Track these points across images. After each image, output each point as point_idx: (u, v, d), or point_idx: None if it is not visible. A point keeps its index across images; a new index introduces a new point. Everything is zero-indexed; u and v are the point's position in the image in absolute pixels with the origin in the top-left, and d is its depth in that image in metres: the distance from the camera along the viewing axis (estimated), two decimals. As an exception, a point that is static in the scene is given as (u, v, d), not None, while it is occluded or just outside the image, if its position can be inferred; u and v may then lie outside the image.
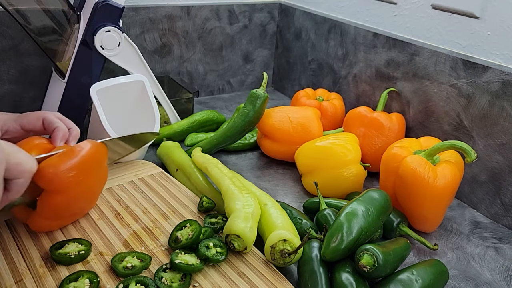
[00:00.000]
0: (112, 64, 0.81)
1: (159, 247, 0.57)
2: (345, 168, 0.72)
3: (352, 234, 0.54)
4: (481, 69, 0.71)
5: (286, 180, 0.82)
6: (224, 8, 1.09)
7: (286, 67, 1.19)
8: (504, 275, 0.62)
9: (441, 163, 0.65)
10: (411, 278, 0.52)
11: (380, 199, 0.60)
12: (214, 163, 0.69)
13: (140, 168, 0.75)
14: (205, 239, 0.56)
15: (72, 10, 0.78)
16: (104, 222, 0.61)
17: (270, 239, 0.54)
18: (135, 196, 0.67)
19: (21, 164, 0.44)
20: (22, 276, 0.50)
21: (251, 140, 0.91)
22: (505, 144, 0.70)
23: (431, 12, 0.82)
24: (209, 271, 0.53)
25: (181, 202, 0.66)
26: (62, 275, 0.51)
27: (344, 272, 0.52)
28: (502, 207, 0.72)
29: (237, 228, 0.55)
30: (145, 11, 0.99)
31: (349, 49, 0.97)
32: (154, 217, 0.63)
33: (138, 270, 0.52)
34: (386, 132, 0.80)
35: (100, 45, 0.77)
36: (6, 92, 0.89)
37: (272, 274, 0.53)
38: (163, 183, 0.71)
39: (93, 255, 0.55)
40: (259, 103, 0.80)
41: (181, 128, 0.91)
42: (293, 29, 1.13)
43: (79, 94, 0.79)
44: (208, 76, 1.15)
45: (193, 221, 0.58)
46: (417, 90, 0.83)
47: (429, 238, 0.69)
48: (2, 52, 0.86)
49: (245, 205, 0.58)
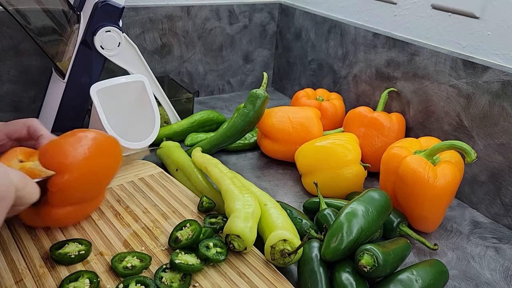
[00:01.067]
0: (112, 64, 0.82)
1: (159, 247, 0.57)
2: (345, 168, 0.73)
3: (352, 234, 0.54)
4: (481, 69, 0.71)
5: (286, 180, 0.82)
6: (224, 8, 1.09)
7: (286, 67, 1.19)
8: (504, 275, 0.62)
9: (441, 163, 0.65)
10: (411, 278, 0.52)
11: (380, 199, 0.60)
12: (214, 163, 0.69)
13: (140, 168, 0.75)
14: (205, 239, 0.56)
15: (72, 10, 0.78)
16: (104, 222, 0.61)
17: (270, 239, 0.54)
18: (135, 196, 0.67)
19: (26, 198, 0.45)
20: (22, 276, 0.50)
21: (251, 140, 0.91)
22: (505, 144, 0.70)
23: (431, 12, 0.82)
24: (209, 271, 0.53)
25: (181, 202, 0.66)
26: (62, 275, 0.51)
27: (344, 272, 0.52)
28: (502, 207, 0.72)
29: (237, 228, 0.55)
30: (145, 11, 0.99)
31: (349, 49, 0.97)
32: (154, 217, 0.63)
33: (138, 270, 0.52)
34: (386, 132, 0.80)
35: (100, 45, 0.77)
36: (6, 92, 0.89)
37: (272, 274, 0.53)
38: (163, 183, 0.71)
39: (93, 255, 0.55)
40: (259, 103, 0.80)
41: (181, 128, 0.91)
42: (293, 29, 1.13)
43: (79, 94, 0.79)
44: (208, 76, 1.15)
45: (193, 221, 0.58)
46: (417, 90, 0.83)
47: (429, 238, 0.69)
48: (2, 52, 0.86)
49: (245, 205, 0.58)
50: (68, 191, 0.53)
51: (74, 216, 0.58)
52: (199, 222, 0.62)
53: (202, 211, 0.64)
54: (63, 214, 0.55)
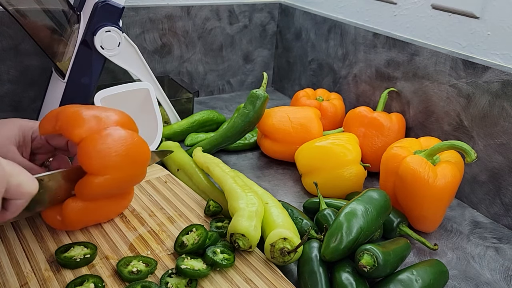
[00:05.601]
0: (112, 64, 0.81)
1: (165, 252, 0.56)
2: (345, 168, 0.72)
3: (351, 234, 0.54)
4: (481, 69, 0.71)
5: (286, 180, 0.82)
6: (224, 8, 1.09)
7: (286, 67, 1.19)
8: (504, 275, 0.62)
9: (441, 163, 0.65)
10: (411, 278, 0.52)
11: (380, 198, 0.60)
12: (216, 162, 0.70)
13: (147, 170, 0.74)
14: (211, 244, 0.56)
15: (72, 10, 0.78)
16: (110, 225, 0.60)
17: (270, 237, 0.55)
18: (141, 198, 0.67)
19: (22, 186, 0.44)
20: (27, 280, 0.50)
21: (251, 140, 0.91)
22: (505, 144, 0.70)
23: (431, 12, 0.82)
24: (215, 277, 0.53)
25: (188, 206, 0.66)
26: (67, 279, 0.51)
27: (344, 272, 0.52)
28: (502, 207, 0.72)
29: (242, 227, 0.55)
30: (145, 11, 0.99)
31: (349, 49, 0.97)
32: (160, 220, 0.62)
33: (143, 275, 0.51)
34: (386, 132, 0.80)
35: (100, 45, 0.77)
36: (6, 92, 0.89)
37: (279, 281, 0.53)
38: (170, 186, 0.71)
39: (98, 258, 0.54)
40: (259, 103, 0.80)
41: (181, 128, 0.91)
42: (293, 29, 1.13)
43: (79, 94, 0.79)
44: (208, 76, 1.15)
45: (199, 226, 0.58)
46: (417, 90, 0.83)
47: (429, 238, 0.69)
48: (2, 52, 0.86)
49: (248, 204, 0.58)
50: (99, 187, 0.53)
51: (93, 214, 0.58)
52: (205, 226, 0.61)
53: (209, 215, 0.64)
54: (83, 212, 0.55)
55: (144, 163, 0.58)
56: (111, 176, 0.53)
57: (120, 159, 0.53)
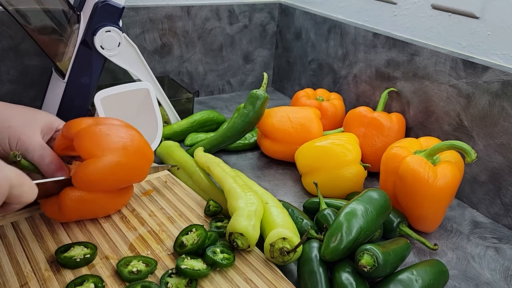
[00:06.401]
0: (112, 64, 0.82)
1: (165, 252, 0.56)
2: (345, 168, 0.72)
3: (351, 234, 0.54)
4: (481, 69, 0.71)
5: (286, 180, 0.82)
6: (224, 8, 1.09)
7: (286, 67, 1.19)
8: (504, 275, 0.62)
9: (441, 163, 0.65)
10: (411, 278, 0.52)
11: (379, 198, 0.60)
12: (216, 162, 0.70)
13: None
14: (211, 244, 0.56)
15: (72, 10, 0.78)
16: (110, 225, 0.60)
17: (270, 237, 0.54)
18: (141, 198, 0.67)
19: (22, 197, 0.45)
20: (27, 280, 0.50)
21: (251, 140, 0.91)
22: (505, 144, 0.70)
23: (431, 12, 0.82)
24: (215, 277, 0.53)
25: (188, 206, 0.66)
26: (67, 279, 0.51)
27: (344, 272, 0.52)
28: (502, 207, 0.72)
29: (240, 226, 0.54)
30: (145, 11, 0.99)
31: (349, 49, 0.97)
32: (160, 220, 0.62)
33: (143, 275, 0.51)
34: (386, 132, 0.80)
35: (100, 45, 0.77)
36: (6, 92, 0.89)
37: (280, 281, 0.53)
38: (170, 186, 0.70)
39: (98, 258, 0.54)
40: (259, 103, 0.80)
41: (181, 128, 0.91)
42: (293, 29, 1.13)
43: (79, 94, 0.79)
44: (208, 76, 1.15)
45: (199, 226, 0.58)
46: (417, 90, 0.83)
47: (429, 238, 0.69)
48: (2, 52, 0.86)
49: (248, 203, 0.58)
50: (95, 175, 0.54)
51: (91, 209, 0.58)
52: (205, 226, 0.61)
53: (209, 215, 0.64)
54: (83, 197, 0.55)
55: (143, 157, 0.59)
56: (108, 160, 0.53)
57: (119, 146, 0.55)
